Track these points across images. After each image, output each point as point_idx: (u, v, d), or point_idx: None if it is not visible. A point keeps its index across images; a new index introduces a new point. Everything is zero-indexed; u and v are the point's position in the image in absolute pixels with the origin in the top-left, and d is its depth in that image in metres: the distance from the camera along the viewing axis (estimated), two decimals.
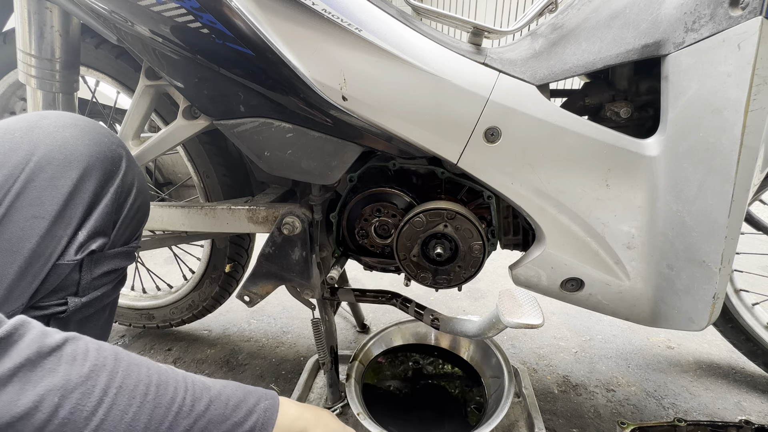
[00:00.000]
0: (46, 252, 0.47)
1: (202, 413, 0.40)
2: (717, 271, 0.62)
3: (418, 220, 0.73)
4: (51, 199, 0.48)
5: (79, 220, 0.50)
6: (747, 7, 0.52)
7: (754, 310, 1.04)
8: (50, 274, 0.48)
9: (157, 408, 0.38)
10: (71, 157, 0.50)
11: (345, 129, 0.67)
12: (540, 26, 0.71)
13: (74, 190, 0.49)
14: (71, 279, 0.51)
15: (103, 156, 0.53)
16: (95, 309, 0.56)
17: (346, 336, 1.33)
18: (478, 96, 0.63)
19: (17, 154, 0.47)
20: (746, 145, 0.56)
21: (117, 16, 0.64)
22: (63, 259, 0.49)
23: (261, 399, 0.46)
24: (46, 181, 0.47)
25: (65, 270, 0.49)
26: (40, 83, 0.76)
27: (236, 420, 0.42)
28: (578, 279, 0.69)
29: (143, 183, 0.61)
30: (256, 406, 0.45)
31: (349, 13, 0.61)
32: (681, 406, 1.04)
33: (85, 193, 0.50)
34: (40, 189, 0.47)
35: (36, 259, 0.46)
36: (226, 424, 0.42)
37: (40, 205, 0.47)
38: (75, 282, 0.52)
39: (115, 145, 0.56)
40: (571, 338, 1.32)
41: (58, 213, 0.48)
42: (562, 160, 0.64)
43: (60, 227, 0.48)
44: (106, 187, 0.53)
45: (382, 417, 0.77)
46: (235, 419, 0.42)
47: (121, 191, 0.55)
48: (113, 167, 0.54)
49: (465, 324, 0.76)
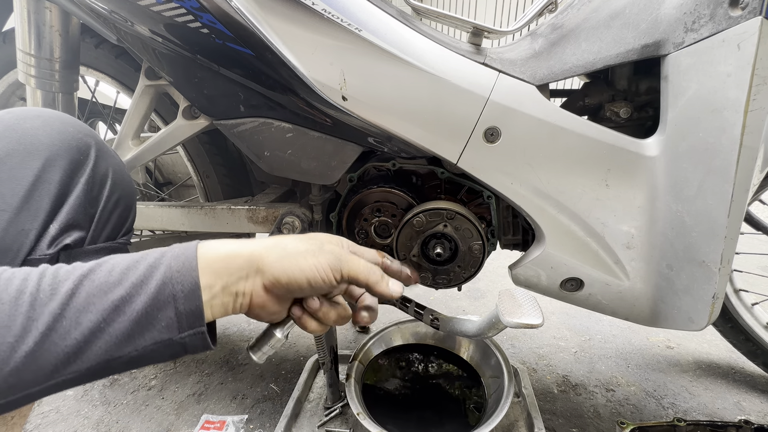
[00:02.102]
0: (14, 247, 0.45)
1: (73, 291, 0.34)
2: (716, 271, 0.62)
3: (418, 220, 0.73)
4: (11, 191, 0.46)
5: (46, 212, 0.48)
6: (747, 7, 0.52)
7: (754, 310, 1.04)
8: None
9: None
10: (31, 147, 0.48)
11: (345, 129, 0.67)
12: (540, 26, 0.71)
13: (36, 180, 0.47)
14: None
15: (67, 145, 0.50)
16: None
17: (346, 336, 1.33)
18: (477, 96, 0.63)
19: None
20: (746, 145, 0.56)
21: (117, 15, 0.64)
22: (34, 253, 0.47)
23: (166, 251, 0.38)
24: (5, 173, 0.46)
25: (38, 265, 0.48)
26: (39, 83, 0.76)
27: (134, 281, 0.35)
28: (578, 279, 0.70)
29: (122, 175, 0.58)
30: (161, 258, 0.37)
31: (349, 13, 0.61)
32: (680, 406, 1.04)
33: (49, 183, 0.48)
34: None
35: (2, 254, 0.44)
36: (120, 288, 0.34)
37: (0, 198, 0.45)
38: None
39: (82, 134, 0.53)
40: (570, 338, 1.32)
41: (20, 205, 0.46)
42: (562, 160, 0.64)
43: (25, 220, 0.46)
44: (75, 177, 0.51)
45: (382, 417, 0.77)
46: (132, 280, 0.35)
47: (93, 182, 0.53)
48: (80, 156, 0.52)
49: (465, 324, 0.76)
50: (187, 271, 0.37)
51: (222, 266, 0.39)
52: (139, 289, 0.35)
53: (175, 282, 0.36)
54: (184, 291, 0.36)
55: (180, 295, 0.36)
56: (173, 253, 0.38)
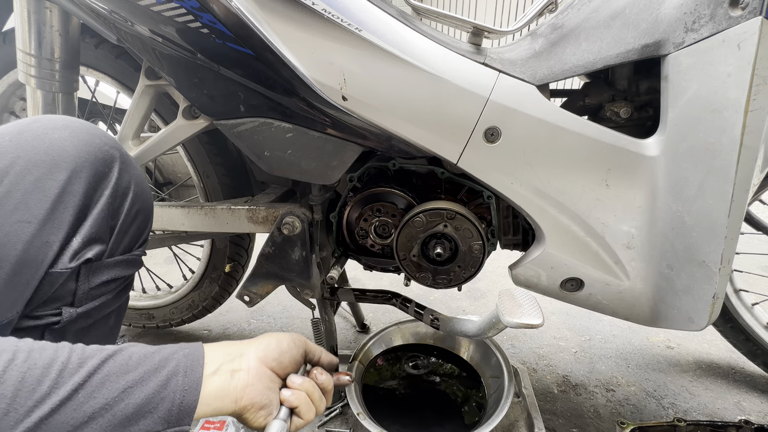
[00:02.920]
0: (37, 258, 0.45)
1: (96, 367, 0.37)
2: (717, 271, 0.62)
3: (418, 220, 0.73)
4: (37, 202, 0.46)
5: (70, 224, 0.48)
6: (747, 7, 0.52)
7: (754, 310, 1.04)
8: (44, 282, 0.47)
9: (31, 369, 0.35)
10: (58, 158, 0.48)
11: (345, 129, 0.67)
12: (540, 26, 0.71)
13: (62, 192, 0.47)
14: (66, 288, 0.49)
15: (93, 157, 0.50)
16: (94, 319, 0.54)
17: (346, 336, 1.33)
18: (478, 96, 0.63)
19: (4, 158, 0.45)
20: (746, 145, 0.56)
21: (117, 15, 0.64)
22: (56, 266, 0.47)
23: (178, 348, 0.43)
24: (31, 183, 0.46)
25: (59, 278, 0.48)
26: (39, 83, 0.76)
27: (148, 368, 0.39)
28: (578, 279, 0.70)
29: (143, 186, 0.58)
30: (173, 354, 0.41)
31: (349, 13, 0.61)
32: (681, 406, 1.04)
33: (74, 195, 0.48)
34: (25, 192, 0.45)
35: (25, 266, 0.44)
36: (134, 373, 0.38)
37: (26, 209, 0.45)
38: (71, 291, 0.50)
39: (108, 146, 0.53)
40: (570, 338, 1.32)
41: (45, 217, 0.46)
42: (562, 160, 0.64)
43: (49, 232, 0.46)
44: (99, 189, 0.51)
45: (382, 417, 0.77)
46: (146, 368, 0.39)
47: (116, 194, 0.53)
48: (105, 169, 0.52)
49: (465, 324, 0.76)
50: (193, 367, 0.42)
51: (222, 353, 0.47)
52: (152, 375, 0.39)
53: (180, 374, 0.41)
54: (186, 387, 0.41)
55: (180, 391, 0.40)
56: (184, 352, 0.43)
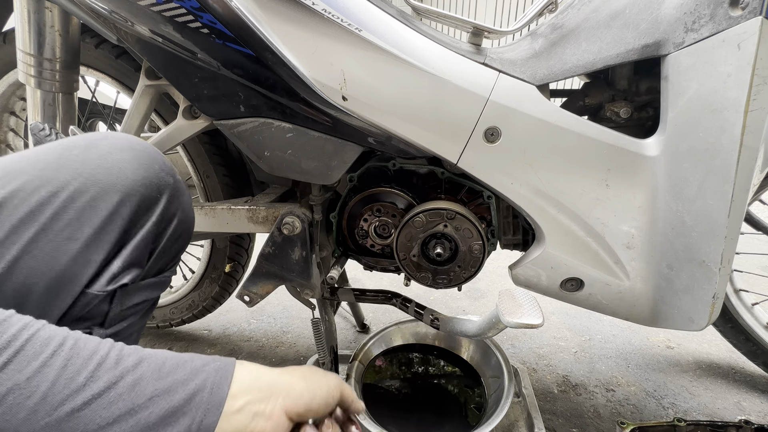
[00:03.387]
0: (76, 277, 0.46)
1: (131, 368, 0.37)
2: (717, 271, 0.62)
3: (418, 220, 0.73)
4: (89, 221, 0.46)
5: (111, 245, 0.48)
6: (747, 7, 0.52)
7: (754, 310, 1.04)
8: (78, 302, 0.47)
9: (74, 357, 0.35)
10: (116, 180, 0.48)
11: (345, 129, 0.67)
12: (540, 26, 0.71)
13: (111, 214, 0.47)
14: (99, 309, 0.49)
15: (148, 182, 0.51)
16: (121, 338, 0.53)
17: (346, 336, 1.33)
18: (478, 96, 0.63)
19: (67, 172, 0.46)
20: (746, 145, 0.56)
21: (117, 16, 0.64)
22: (93, 287, 0.47)
23: (210, 361, 0.42)
24: (86, 202, 0.46)
25: (94, 300, 0.48)
26: (39, 83, 0.76)
27: (177, 378, 0.38)
28: (578, 279, 0.70)
29: (188, 212, 0.58)
30: (204, 366, 0.40)
31: (349, 13, 0.61)
32: (681, 406, 1.04)
33: (122, 218, 0.48)
34: (79, 210, 0.46)
35: (64, 282, 0.45)
36: (164, 381, 0.37)
37: (78, 227, 0.45)
38: (103, 313, 0.50)
39: (165, 172, 0.53)
40: (570, 338, 1.32)
41: (92, 236, 0.46)
42: (562, 160, 0.64)
43: (93, 251, 0.46)
44: (147, 214, 0.51)
45: (382, 417, 0.77)
46: (176, 377, 0.38)
47: (162, 221, 0.53)
48: (156, 194, 0.52)
49: (465, 324, 0.76)
50: (220, 384, 0.40)
51: (251, 386, 0.42)
52: (180, 386, 0.38)
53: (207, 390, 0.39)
54: (209, 406, 0.39)
55: (203, 409, 0.38)
56: (215, 365, 0.41)
